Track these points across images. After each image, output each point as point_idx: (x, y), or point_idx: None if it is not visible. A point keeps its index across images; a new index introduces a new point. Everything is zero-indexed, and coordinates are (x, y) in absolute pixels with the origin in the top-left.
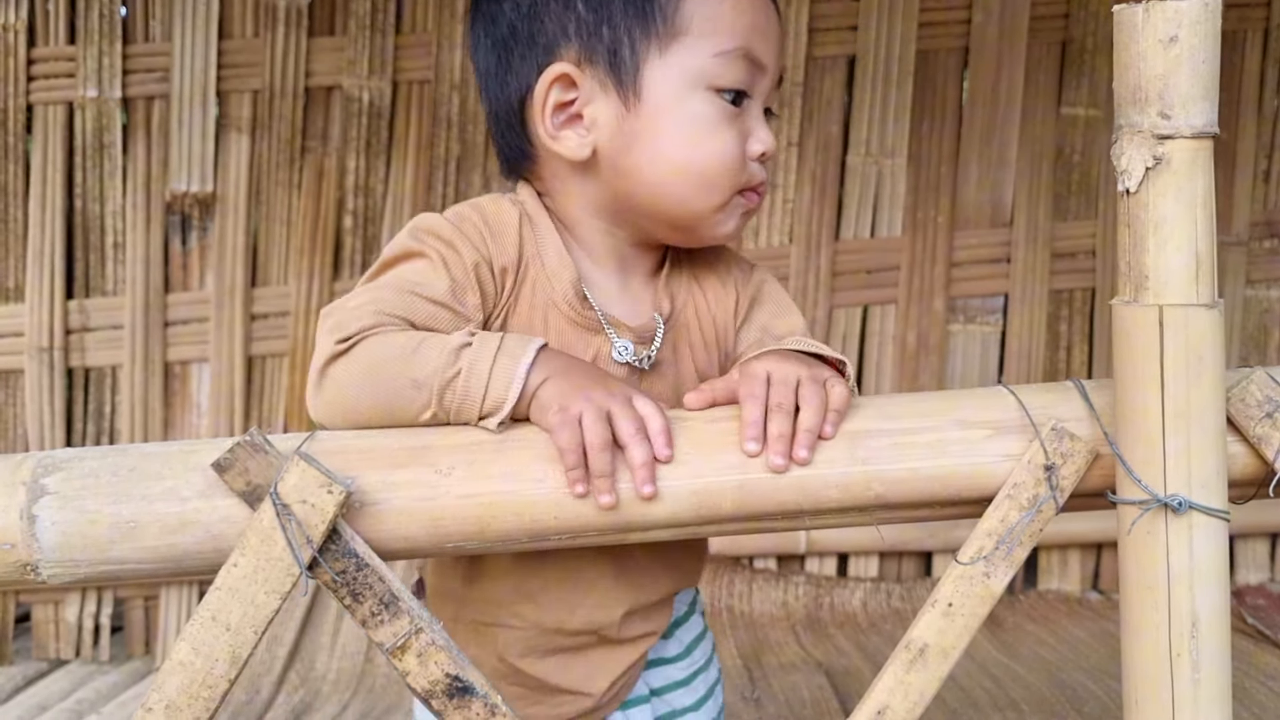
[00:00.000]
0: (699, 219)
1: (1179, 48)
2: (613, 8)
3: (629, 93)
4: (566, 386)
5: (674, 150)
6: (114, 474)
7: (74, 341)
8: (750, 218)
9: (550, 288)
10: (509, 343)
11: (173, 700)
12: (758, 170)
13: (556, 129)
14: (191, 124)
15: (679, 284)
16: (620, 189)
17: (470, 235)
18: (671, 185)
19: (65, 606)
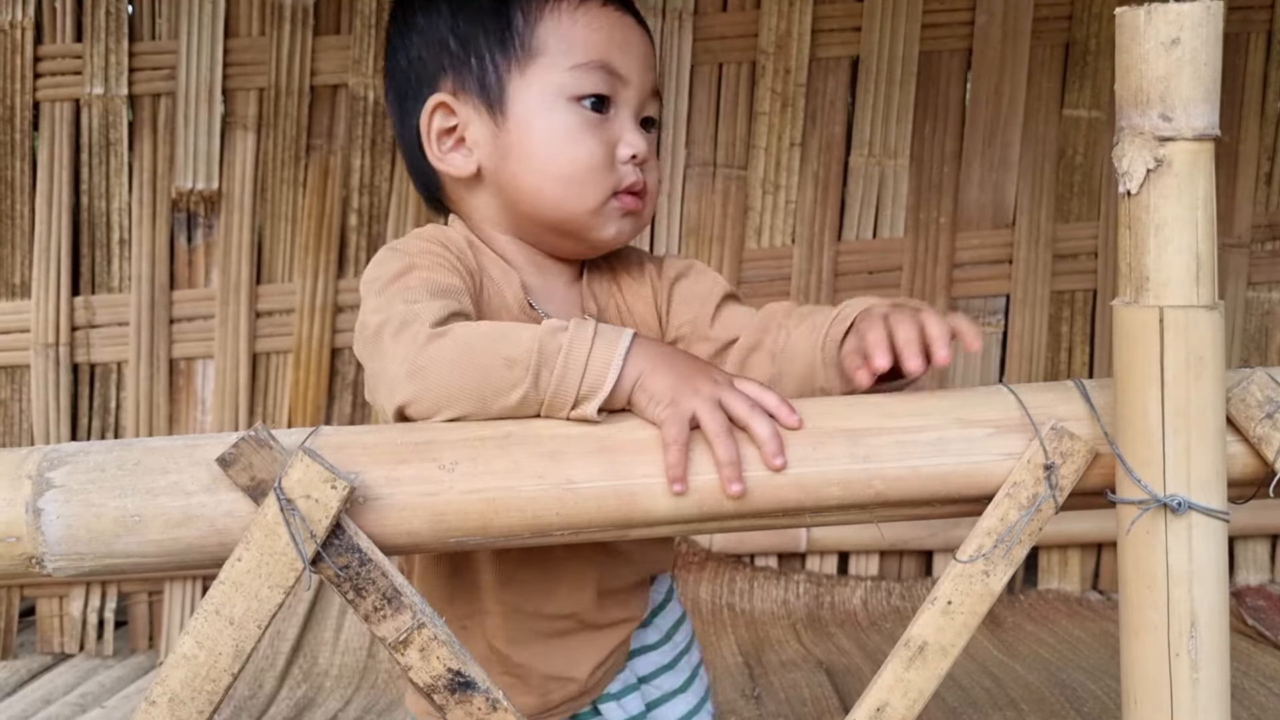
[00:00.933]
0: (577, 222)
1: (1181, 50)
2: (478, 40)
3: (497, 112)
4: (674, 378)
5: (541, 157)
6: (119, 468)
7: (79, 337)
8: (639, 220)
9: (502, 296)
10: (604, 329)
11: (176, 694)
12: (629, 172)
13: (444, 152)
14: (197, 122)
15: (599, 286)
16: (507, 200)
17: (433, 247)
18: (544, 190)
19: (69, 600)
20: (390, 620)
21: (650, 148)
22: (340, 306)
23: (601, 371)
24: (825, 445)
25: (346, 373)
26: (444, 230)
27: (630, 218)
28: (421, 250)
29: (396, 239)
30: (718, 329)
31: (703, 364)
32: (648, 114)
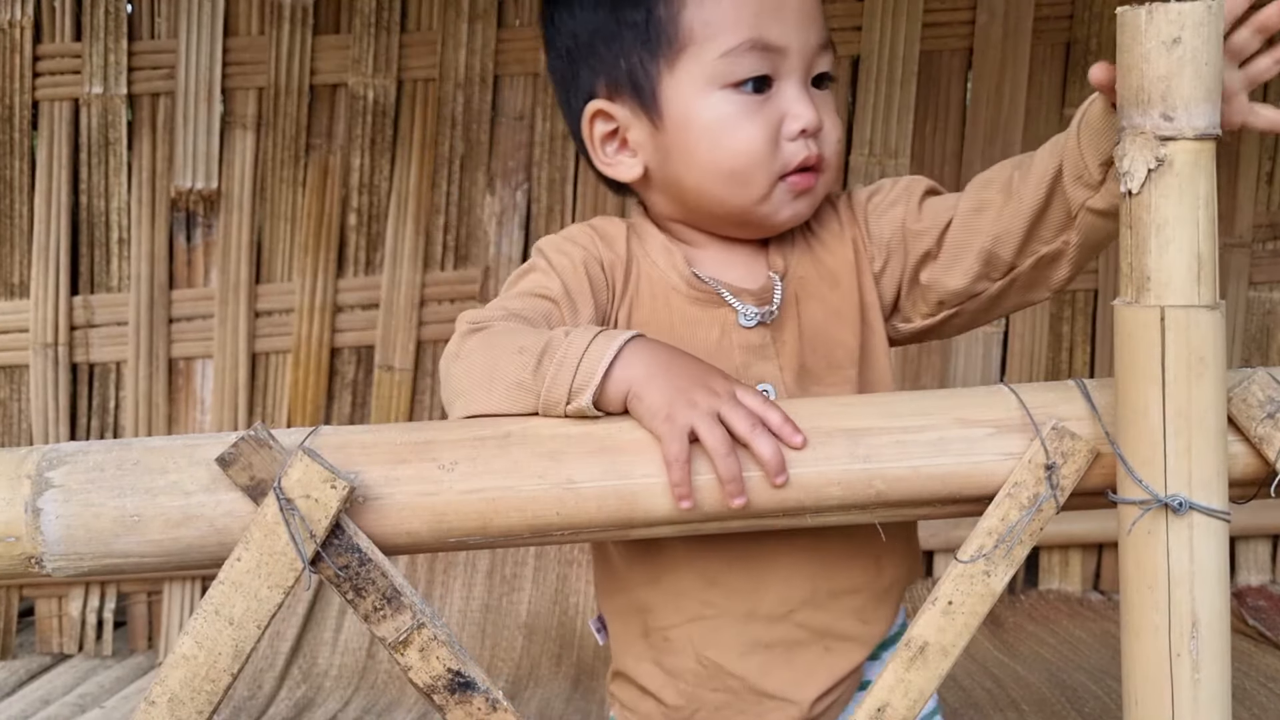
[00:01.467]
0: (745, 213)
1: (1182, 49)
2: (624, 41)
3: (652, 112)
4: (670, 390)
5: (701, 155)
6: (118, 468)
7: (78, 337)
8: (814, 198)
9: (665, 276)
10: (610, 330)
11: (176, 694)
12: (797, 149)
13: (611, 157)
14: (196, 121)
15: (789, 244)
16: (677, 196)
17: (579, 241)
18: (708, 188)
19: (68, 601)
20: (390, 620)
21: (823, 111)
22: (340, 306)
23: (592, 367)
24: (825, 445)
25: (346, 372)
26: (609, 221)
27: (804, 197)
28: (558, 246)
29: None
30: (926, 220)
31: (703, 371)
32: (819, 71)
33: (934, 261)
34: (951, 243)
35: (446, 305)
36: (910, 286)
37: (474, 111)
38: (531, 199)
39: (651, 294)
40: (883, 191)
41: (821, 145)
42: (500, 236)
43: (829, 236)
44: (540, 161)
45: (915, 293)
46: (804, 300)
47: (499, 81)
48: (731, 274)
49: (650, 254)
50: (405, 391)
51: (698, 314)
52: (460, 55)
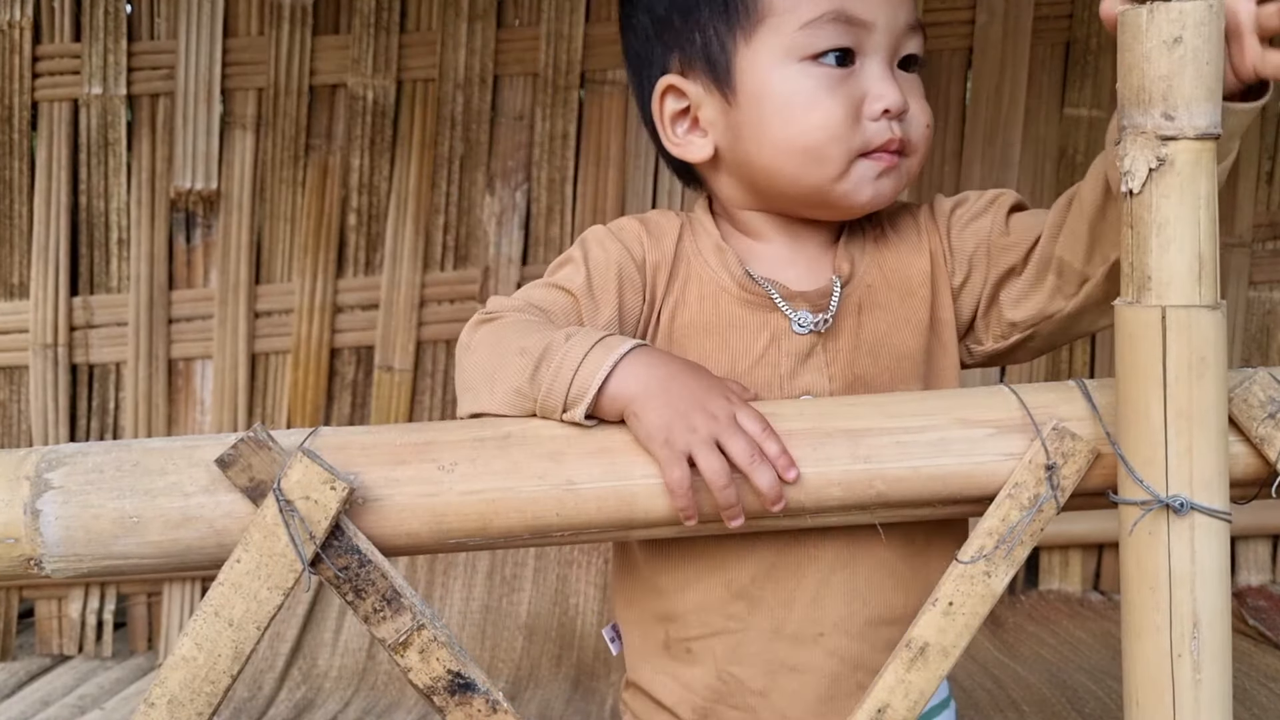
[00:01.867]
0: (821, 193)
1: (1183, 49)
2: (700, 12)
3: (726, 87)
4: (669, 413)
5: (775, 131)
6: (118, 469)
7: (78, 338)
8: (899, 176)
9: (716, 276)
10: (611, 338)
11: (175, 695)
12: (879, 130)
13: (681, 136)
14: (196, 121)
15: (859, 247)
16: (746, 178)
17: (623, 237)
18: (782, 165)
19: (68, 602)
20: (390, 621)
21: (909, 94)
22: (339, 306)
23: (588, 379)
24: (826, 445)
25: (345, 373)
26: (664, 215)
27: (888, 176)
28: (599, 238)
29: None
30: (1014, 236)
31: (703, 391)
32: (907, 52)
33: (1017, 278)
34: (1038, 260)
35: (446, 305)
36: (989, 305)
37: (473, 111)
38: (531, 199)
39: (700, 294)
40: (968, 203)
41: (907, 129)
42: (500, 236)
43: (904, 244)
44: (540, 161)
45: (992, 312)
46: (867, 309)
47: (498, 81)
48: (789, 274)
49: (703, 252)
50: (405, 392)
51: (747, 317)
52: (460, 55)
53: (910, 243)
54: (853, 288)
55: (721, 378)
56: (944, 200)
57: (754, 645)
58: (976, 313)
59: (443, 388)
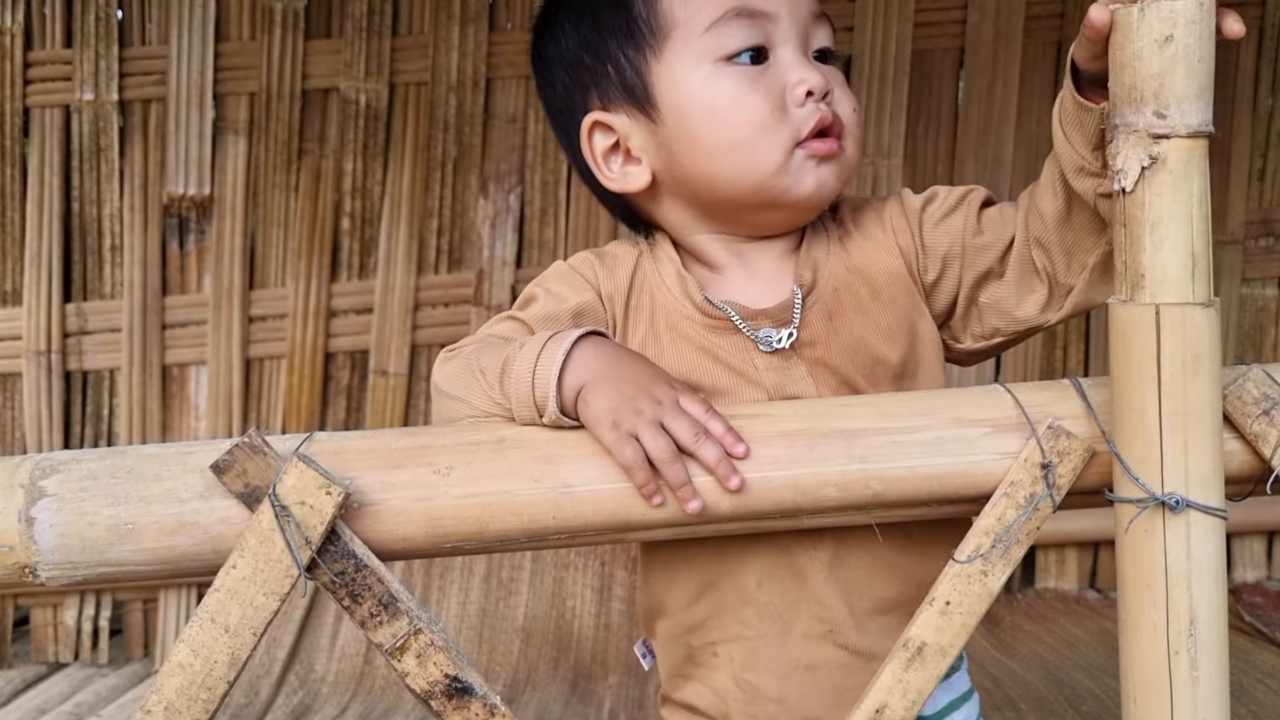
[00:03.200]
0: (764, 190)
1: (1174, 47)
2: (606, 43)
3: (649, 108)
4: (616, 397)
5: (705, 136)
6: (112, 476)
7: (72, 344)
8: (841, 163)
9: (679, 304)
10: (561, 333)
11: (172, 702)
12: (808, 114)
13: (616, 171)
14: (189, 126)
15: (823, 250)
16: (689, 195)
17: (582, 270)
18: (719, 170)
19: (64, 609)
20: (386, 626)
21: (831, 77)
22: (334, 311)
23: (545, 378)
24: (822, 445)
25: (340, 378)
26: (622, 247)
27: (829, 164)
28: (559, 276)
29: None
30: (988, 235)
31: (648, 377)
32: (819, 46)
33: (999, 283)
34: (1017, 265)
35: (441, 309)
36: (967, 305)
37: (466, 115)
38: (525, 202)
39: (669, 325)
40: (938, 200)
41: (836, 106)
42: (494, 240)
43: (870, 242)
44: (533, 164)
45: (972, 313)
46: (839, 313)
47: (491, 84)
48: (749, 292)
49: (665, 280)
50: (400, 396)
51: (718, 341)
52: (452, 58)
53: (876, 240)
54: (817, 295)
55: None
56: (912, 196)
57: (767, 650)
58: (953, 312)
59: None
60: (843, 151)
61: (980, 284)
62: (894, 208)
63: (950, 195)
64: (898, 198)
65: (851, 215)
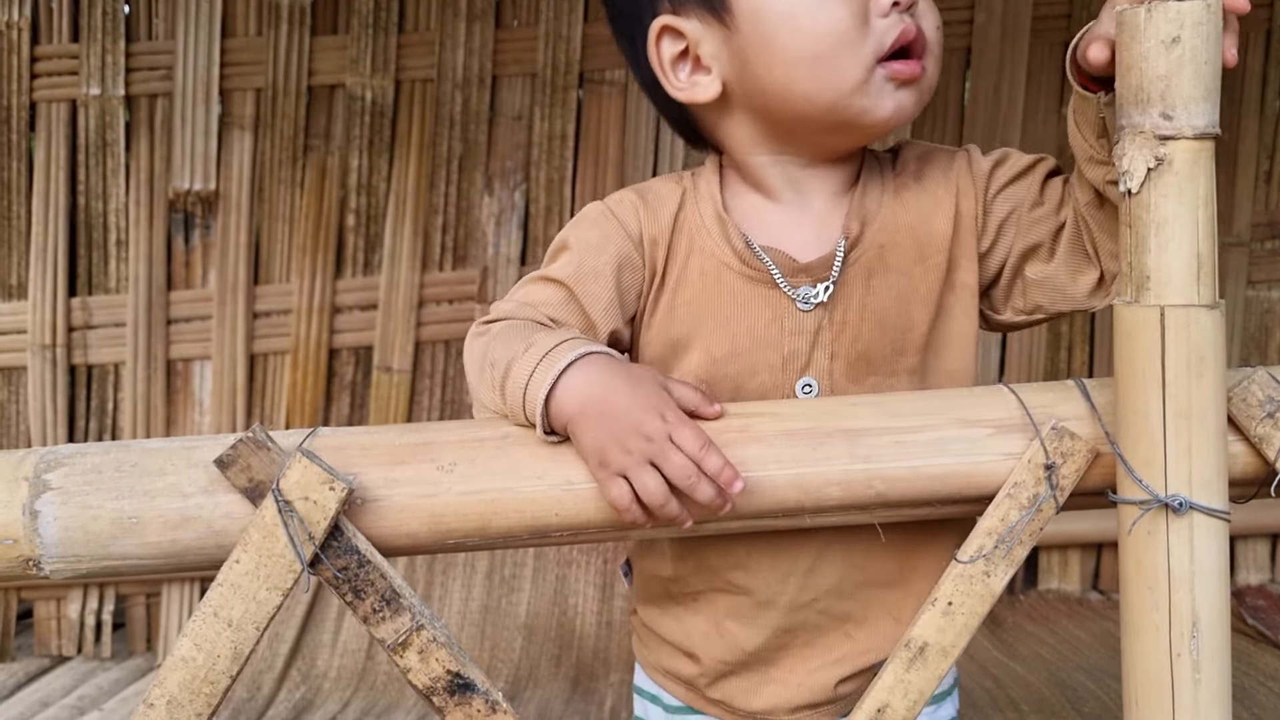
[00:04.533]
0: (840, 109)
1: (1181, 48)
2: None
3: (723, 13)
4: (603, 435)
5: (781, 47)
6: (116, 470)
7: (76, 339)
8: (920, 89)
9: (718, 249)
10: (559, 349)
11: (174, 696)
12: (891, 24)
13: (684, 80)
14: (194, 122)
15: (873, 201)
16: (761, 108)
17: (619, 213)
18: (795, 84)
19: (67, 603)
20: (389, 622)
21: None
22: (338, 307)
23: (535, 398)
24: (825, 445)
25: (344, 374)
26: (665, 184)
27: (908, 88)
28: (594, 220)
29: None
30: (1046, 207)
31: (641, 409)
32: None
33: (1049, 258)
34: (1069, 246)
35: (445, 306)
36: (1012, 277)
37: (472, 112)
38: (530, 199)
39: (702, 270)
40: (1008, 163)
41: (920, 20)
42: (498, 237)
43: (926, 198)
44: (538, 162)
45: (1016, 286)
46: (878, 273)
47: (497, 82)
48: (794, 241)
49: (705, 222)
50: (404, 392)
51: (749, 293)
52: (458, 55)
53: (934, 197)
54: (861, 251)
55: (668, 387)
56: (981, 158)
57: (748, 607)
58: (998, 282)
59: (441, 388)
60: (924, 73)
61: (1028, 257)
62: (961, 166)
63: (1020, 160)
64: (966, 155)
65: (915, 165)
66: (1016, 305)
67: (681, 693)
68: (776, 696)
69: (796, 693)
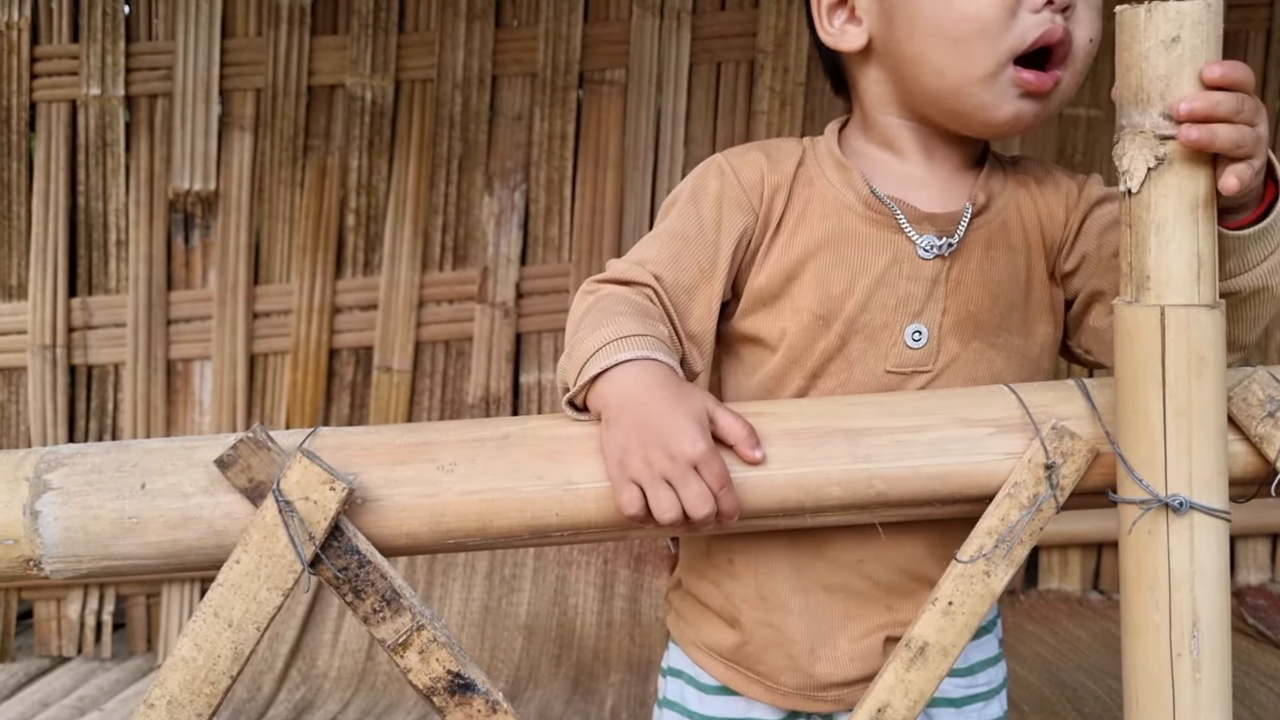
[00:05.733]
0: (963, 95)
1: (1181, 48)
2: None
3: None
4: (630, 439)
5: (925, 18)
6: (117, 470)
7: (77, 339)
8: (1045, 104)
9: (839, 193)
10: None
11: (175, 696)
12: (1037, 22)
13: (837, 27)
14: (194, 122)
15: (999, 181)
16: (894, 70)
17: (741, 164)
18: (928, 56)
19: (67, 603)
20: (389, 622)
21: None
22: (338, 307)
23: (588, 371)
24: (825, 444)
25: (344, 374)
26: (785, 140)
27: (1033, 100)
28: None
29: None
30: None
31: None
32: None
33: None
34: None
35: (445, 306)
36: (1080, 314)
37: (472, 112)
38: (529, 199)
39: (823, 213)
40: (1111, 203)
41: (1073, 25)
42: (498, 237)
43: (1047, 196)
44: (538, 161)
45: (1082, 326)
46: (999, 246)
47: (497, 82)
48: (920, 195)
49: (825, 172)
50: (404, 392)
51: (870, 234)
52: (458, 55)
53: (1052, 199)
54: (986, 219)
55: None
56: (1096, 185)
57: (792, 565)
58: (1069, 308)
59: (441, 388)
60: (1056, 87)
61: (1094, 300)
62: (1074, 187)
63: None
64: (1086, 181)
65: (1035, 170)
66: (1074, 340)
67: (720, 670)
68: (828, 670)
69: (849, 666)
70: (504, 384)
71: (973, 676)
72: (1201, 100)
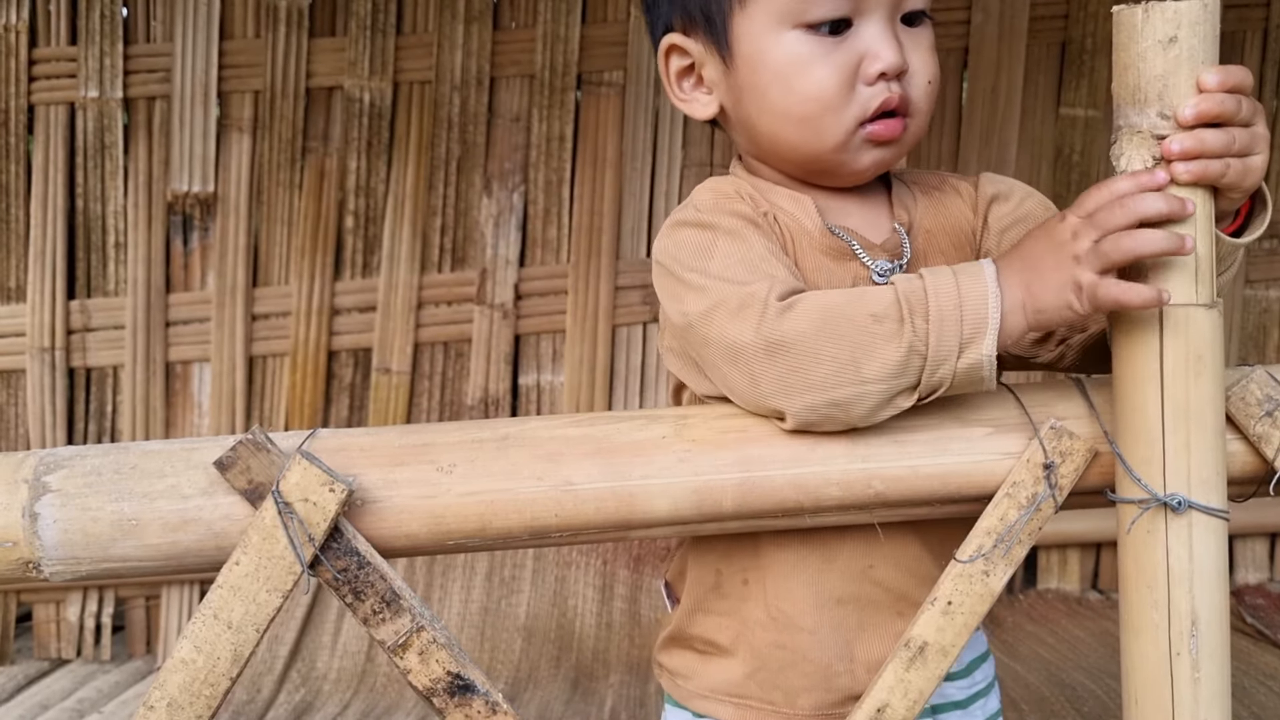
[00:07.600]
0: (822, 161)
1: (1178, 48)
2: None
3: (724, 50)
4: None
5: (772, 99)
6: (116, 472)
7: (75, 341)
8: (898, 146)
9: (799, 224)
10: (959, 267)
11: (175, 698)
12: (875, 93)
13: (687, 93)
14: (193, 124)
15: (908, 196)
16: (751, 140)
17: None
18: (781, 133)
19: (66, 606)
20: (389, 623)
21: (912, 50)
22: (337, 309)
23: (980, 306)
24: (824, 445)
25: (343, 375)
26: (719, 183)
27: (886, 146)
28: (714, 210)
29: (684, 203)
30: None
31: (1047, 247)
32: (910, 9)
33: None
34: None
35: (444, 307)
36: None
37: (470, 113)
38: (528, 201)
39: (793, 239)
40: (1011, 202)
41: (907, 87)
42: (497, 238)
43: (949, 198)
44: (537, 163)
45: None
46: (931, 255)
47: (495, 83)
48: (856, 222)
49: (778, 203)
50: (403, 394)
51: (831, 266)
52: (456, 57)
53: (956, 202)
54: (915, 235)
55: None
56: (988, 182)
57: (803, 576)
58: None
59: (440, 389)
60: (905, 131)
61: None
62: (968, 188)
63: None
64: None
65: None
66: None
67: (730, 713)
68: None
69: (865, 679)
70: (503, 385)
71: (971, 676)
72: (1190, 139)
